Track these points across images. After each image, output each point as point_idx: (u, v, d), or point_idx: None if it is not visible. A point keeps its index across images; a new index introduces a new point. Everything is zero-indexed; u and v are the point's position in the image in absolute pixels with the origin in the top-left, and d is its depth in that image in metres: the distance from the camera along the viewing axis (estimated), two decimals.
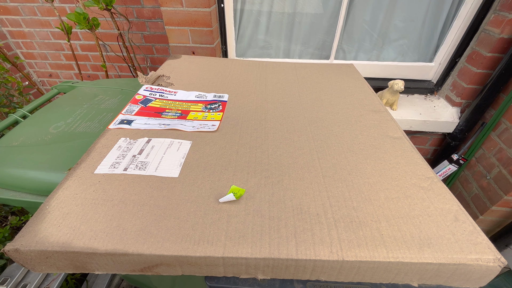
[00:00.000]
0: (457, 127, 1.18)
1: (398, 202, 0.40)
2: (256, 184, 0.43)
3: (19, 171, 0.53)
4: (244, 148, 0.51)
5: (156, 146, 0.50)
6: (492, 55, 1.01)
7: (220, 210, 0.38)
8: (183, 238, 0.34)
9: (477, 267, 0.33)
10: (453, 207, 0.40)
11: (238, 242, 0.34)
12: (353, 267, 0.34)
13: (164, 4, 1.03)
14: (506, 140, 1.00)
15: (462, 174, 1.22)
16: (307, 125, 0.58)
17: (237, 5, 1.15)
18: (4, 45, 1.55)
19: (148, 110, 0.61)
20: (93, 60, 1.61)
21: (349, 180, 0.44)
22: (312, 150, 0.51)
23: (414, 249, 0.34)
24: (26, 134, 0.62)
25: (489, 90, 1.04)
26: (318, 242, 0.34)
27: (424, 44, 1.20)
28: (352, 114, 0.62)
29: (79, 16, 1.04)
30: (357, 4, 1.12)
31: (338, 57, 1.27)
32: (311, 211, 0.39)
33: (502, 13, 0.97)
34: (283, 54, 1.30)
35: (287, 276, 0.36)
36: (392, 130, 0.57)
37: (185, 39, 1.11)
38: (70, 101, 0.76)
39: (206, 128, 0.55)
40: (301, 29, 1.21)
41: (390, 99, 1.16)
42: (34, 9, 1.43)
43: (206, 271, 0.35)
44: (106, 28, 1.41)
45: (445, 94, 1.24)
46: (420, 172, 0.46)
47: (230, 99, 0.68)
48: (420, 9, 1.11)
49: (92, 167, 0.44)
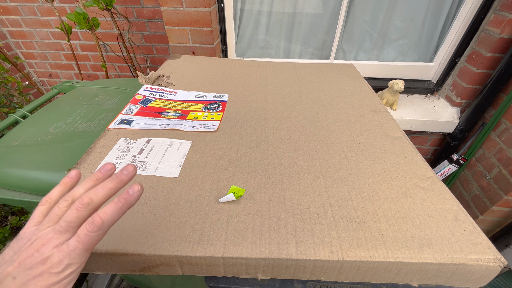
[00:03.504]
0: (457, 127, 1.18)
1: (398, 202, 0.40)
2: (256, 184, 0.43)
3: (19, 171, 0.53)
4: (244, 148, 0.51)
5: (156, 146, 0.50)
6: (492, 55, 1.01)
7: (220, 210, 0.38)
8: (183, 238, 0.34)
9: (477, 267, 0.33)
10: (453, 207, 0.40)
11: (238, 242, 0.34)
12: (353, 267, 0.34)
13: (164, 4, 1.03)
14: (506, 140, 1.00)
15: (462, 174, 1.22)
16: (307, 125, 0.58)
17: (237, 5, 1.15)
18: (4, 45, 1.55)
19: (148, 110, 0.61)
20: (93, 60, 1.61)
21: (349, 180, 0.44)
22: (312, 150, 0.51)
23: (414, 249, 0.34)
24: (26, 134, 0.62)
25: (489, 90, 1.04)
26: (318, 242, 0.34)
27: (424, 44, 1.20)
28: (352, 114, 0.62)
29: (79, 16, 1.04)
30: (357, 4, 1.12)
31: (338, 57, 1.27)
32: (311, 211, 0.39)
33: (502, 13, 0.97)
34: (283, 54, 1.30)
35: (287, 276, 0.36)
36: (392, 130, 0.57)
37: (185, 39, 1.11)
38: (70, 101, 0.76)
39: (206, 128, 0.55)
40: (301, 29, 1.21)
41: (390, 99, 1.16)
42: (34, 9, 1.43)
43: (206, 271, 0.35)
44: (106, 28, 1.41)
45: (445, 94, 1.24)
46: (420, 172, 0.46)
47: (230, 99, 0.68)
48: (420, 9, 1.11)
49: (92, 167, 0.44)
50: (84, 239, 0.23)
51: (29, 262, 0.22)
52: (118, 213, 0.25)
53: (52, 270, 0.22)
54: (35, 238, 0.23)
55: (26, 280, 0.21)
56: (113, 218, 0.24)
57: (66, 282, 0.23)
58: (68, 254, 0.23)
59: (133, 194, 0.25)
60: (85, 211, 0.24)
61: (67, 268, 0.23)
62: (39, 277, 0.22)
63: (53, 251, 0.23)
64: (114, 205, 0.25)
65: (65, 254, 0.23)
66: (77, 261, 0.23)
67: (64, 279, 0.23)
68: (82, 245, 0.23)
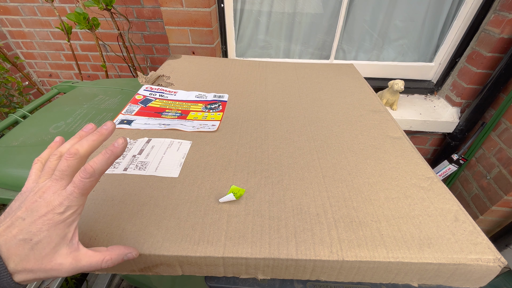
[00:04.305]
0: (457, 127, 1.18)
1: (398, 202, 0.40)
2: (256, 184, 0.43)
3: (19, 171, 0.53)
4: (244, 148, 0.51)
5: (156, 146, 0.50)
6: (492, 55, 1.01)
7: (220, 210, 0.38)
8: (183, 238, 0.34)
9: (477, 267, 0.33)
10: (453, 207, 0.40)
11: (238, 242, 0.34)
12: (353, 267, 0.34)
13: (164, 4, 1.03)
14: (506, 140, 1.00)
15: (462, 174, 1.22)
16: (307, 125, 0.58)
17: (237, 5, 1.15)
18: (4, 45, 1.55)
19: (148, 110, 0.61)
20: (93, 60, 1.61)
21: (349, 180, 0.44)
22: (312, 150, 0.51)
23: (414, 249, 0.34)
24: (26, 134, 0.62)
25: (489, 90, 1.04)
26: (318, 242, 0.34)
27: (424, 44, 1.20)
28: (352, 114, 0.62)
29: (79, 16, 1.04)
30: (357, 4, 1.12)
31: (338, 57, 1.28)
32: (311, 211, 0.39)
33: (502, 13, 0.97)
34: (283, 54, 1.30)
35: (287, 276, 0.36)
36: (392, 130, 0.57)
37: (185, 39, 1.11)
38: (70, 101, 0.76)
39: (206, 128, 0.55)
40: (301, 29, 1.21)
41: (390, 99, 1.16)
42: (34, 9, 1.43)
43: (206, 271, 0.35)
44: (106, 28, 1.41)
45: (445, 94, 1.24)
46: (420, 172, 0.46)
47: (230, 99, 0.68)
48: (420, 9, 1.11)
49: None
50: (79, 184, 0.27)
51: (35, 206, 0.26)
52: (107, 163, 0.28)
53: (55, 211, 0.26)
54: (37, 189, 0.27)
55: (34, 219, 0.25)
56: (102, 167, 0.28)
57: (69, 222, 0.27)
58: (67, 197, 0.26)
59: (118, 146, 0.29)
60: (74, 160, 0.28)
61: (68, 209, 0.27)
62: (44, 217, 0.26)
63: (54, 196, 0.26)
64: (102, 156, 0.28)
65: (64, 197, 0.26)
66: (76, 204, 0.27)
67: (67, 219, 0.27)
68: (78, 190, 0.27)
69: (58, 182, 0.27)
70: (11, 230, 0.25)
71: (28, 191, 0.28)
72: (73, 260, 0.27)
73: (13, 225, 0.25)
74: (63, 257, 0.26)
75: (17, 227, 0.25)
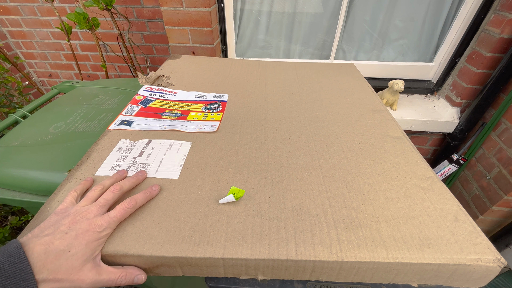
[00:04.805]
0: (457, 127, 1.18)
1: (398, 203, 0.40)
2: (256, 185, 0.43)
3: (19, 171, 0.53)
4: (244, 148, 0.51)
5: (156, 147, 0.50)
6: (492, 55, 1.01)
7: (220, 211, 0.38)
8: (183, 240, 0.34)
9: (477, 268, 0.33)
10: (453, 207, 0.40)
11: (238, 243, 0.34)
12: (353, 268, 0.34)
13: (164, 4, 1.03)
14: (506, 140, 1.00)
15: (462, 174, 1.22)
16: (307, 125, 0.58)
17: (237, 5, 1.15)
18: (4, 45, 1.55)
19: (148, 111, 0.61)
20: (93, 60, 1.61)
21: (349, 180, 0.44)
22: (312, 150, 0.51)
23: (414, 249, 0.34)
24: (26, 134, 0.62)
25: (489, 90, 1.04)
26: (318, 243, 0.35)
27: (424, 44, 1.20)
28: (352, 114, 0.62)
29: (79, 16, 1.04)
30: (357, 4, 1.12)
31: (338, 57, 1.27)
32: (310, 211, 0.39)
33: (502, 13, 0.96)
34: (283, 54, 1.30)
35: (287, 276, 0.36)
36: (392, 129, 0.57)
37: (185, 39, 1.11)
38: (70, 101, 0.76)
39: (206, 129, 0.55)
40: (301, 29, 1.21)
41: (390, 99, 1.16)
42: (34, 9, 1.43)
43: (206, 272, 0.35)
44: (106, 28, 1.41)
45: (445, 94, 1.24)
46: (420, 172, 0.46)
47: (230, 99, 0.68)
48: (420, 9, 1.11)
49: (93, 169, 0.44)
50: (121, 212, 0.34)
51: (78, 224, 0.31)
52: (144, 200, 0.37)
53: (96, 230, 0.31)
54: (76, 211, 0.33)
55: (76, 234, 0.30)
56: (141, 202, 0.36)
57: (101, 241, 0.32)
58: (108, 221, 0.32)
59: (155, 190, 0.39)
60: (118, 193, 0.36)
61: (105, 230, 0.32)
62: (86, 233, 0.30)
63: (96, 218, 0.32)
64: (143, 194, 0.37)
65: (106, 220, 0.32)
66: (112, 227, 0.33)
67: (101, 238, 0.32)
68: (119, 215, 0.33)
69: (101, 208, 0.33)
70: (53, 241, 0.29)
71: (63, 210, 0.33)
72: (95, 273, 0.31)
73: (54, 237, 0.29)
74: (87, 270, 0.30)
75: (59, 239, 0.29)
